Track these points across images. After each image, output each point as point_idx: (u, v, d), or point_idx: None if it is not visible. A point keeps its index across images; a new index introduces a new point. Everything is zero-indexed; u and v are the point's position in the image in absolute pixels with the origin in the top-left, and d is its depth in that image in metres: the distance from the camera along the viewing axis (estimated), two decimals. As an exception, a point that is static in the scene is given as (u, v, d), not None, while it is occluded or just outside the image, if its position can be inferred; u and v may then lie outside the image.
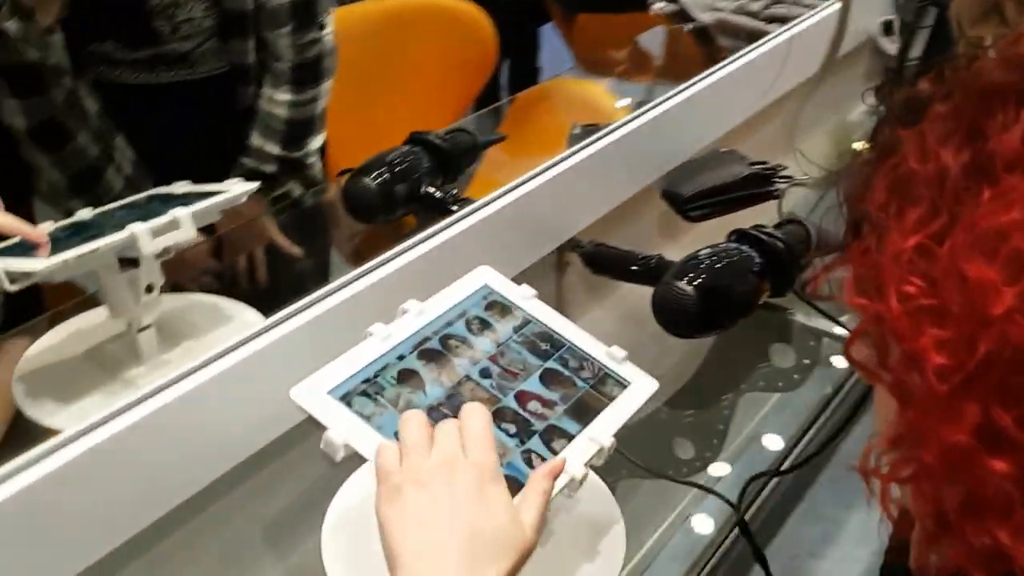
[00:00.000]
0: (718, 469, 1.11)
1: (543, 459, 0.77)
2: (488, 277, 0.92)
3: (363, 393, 0.77)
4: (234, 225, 1.43)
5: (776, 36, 1.63)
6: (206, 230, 1.37)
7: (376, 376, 0.79)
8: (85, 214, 1.06)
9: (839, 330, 1.26)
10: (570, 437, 0.80)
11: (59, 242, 0.95)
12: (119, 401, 0.83)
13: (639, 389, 0.86)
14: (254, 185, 1.06)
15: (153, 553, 0.88)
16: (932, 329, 0.45)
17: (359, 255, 1.40)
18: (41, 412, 0.98)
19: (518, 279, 1.18)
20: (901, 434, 0.48)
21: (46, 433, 0.82)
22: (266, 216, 1.45)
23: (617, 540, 0.87)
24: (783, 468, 1.13)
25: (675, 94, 1.43)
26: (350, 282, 1.01)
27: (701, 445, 1.16)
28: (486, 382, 0.82)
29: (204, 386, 0.87)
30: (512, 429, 0.79)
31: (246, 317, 1.12)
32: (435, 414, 0.78)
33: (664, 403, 1.19)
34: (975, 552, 0.45)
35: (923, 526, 0.50)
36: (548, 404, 0.82)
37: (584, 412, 0.83)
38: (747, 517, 1.01)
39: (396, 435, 0.73)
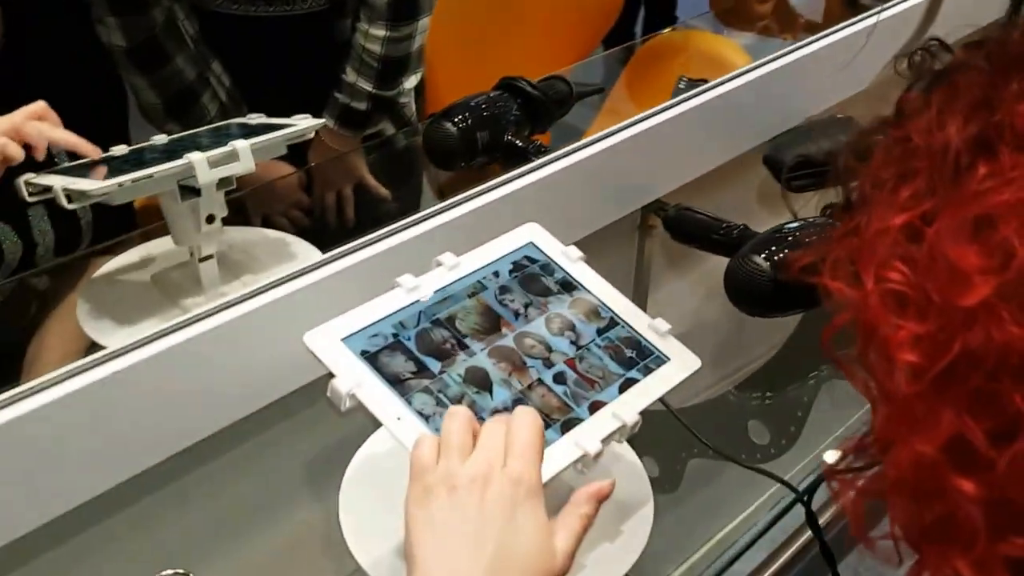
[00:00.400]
0: (793, 457, 1.05)
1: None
2: (534, 235, 0.87)
3: (391, 348, 0.74)
4: (322, 161, 1.42)
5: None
6: (295, 164, 1.38)
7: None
8: (159, 139, 1.06)
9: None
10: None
11: (127, 165, 0.96)
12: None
13: (678, 367, 0.80)
14: (320, 121, 1.03)
15: (177, 485, 0.88)
16: (909, 322, 0.40)
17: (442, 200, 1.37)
18: (99, 332, 1.00)
19: (595, 237, 1.14)
20: (870, 442, 0.43)
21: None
22: (356, 155, 1.43)
23: (644, 520, 0.82)
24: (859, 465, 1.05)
25: (790, 51, 1.33)
26: (411, 225, 0.98)
27: (777, 431, 1.09)
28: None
29: (247, 318, 0.86)
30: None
31: (311, 257, 1.11)
32: (467, 386, 0.74)
33: (742, 384, 1.13)
34: None
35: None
36: (588, 381, 0.77)
37: (614, 383, 0.78)
38: (818, 510, 0.94)
39: (423, 412, 0.71)
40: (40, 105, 0.94)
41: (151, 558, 0.83)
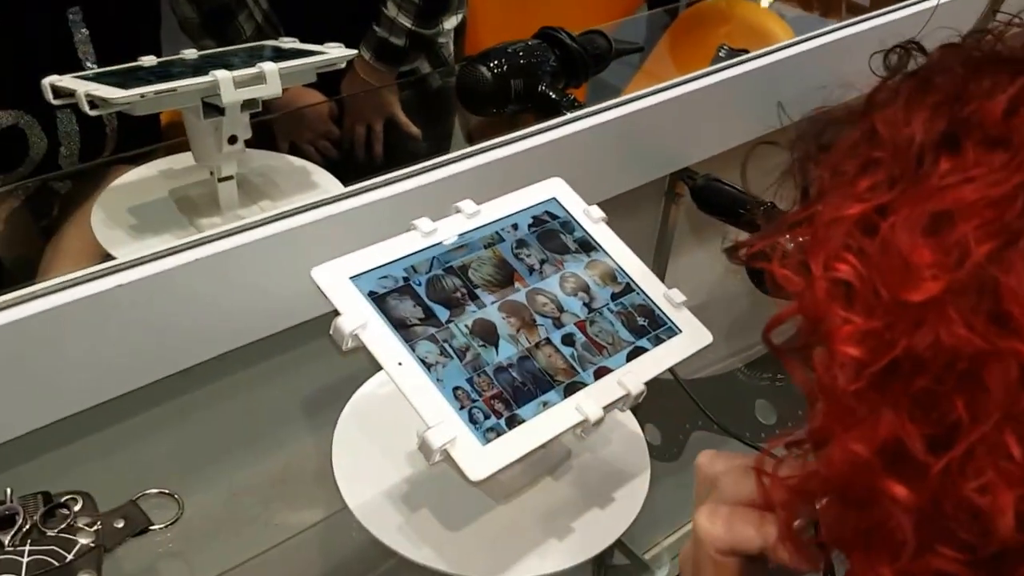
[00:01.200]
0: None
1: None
2: (558, 190, 0.84)
3: (400, 292, 0.72)
4: (355, 93, 1.39)
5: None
6: (326, 94, 1.34)
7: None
8: (190, 54, 1.03)
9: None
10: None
11: (153, 76, 0.93)
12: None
13: (689, 340, 0.77)
14: (351, 52, 1.00)
15: (172, 405, 0.86)
16: (854, 315, 0.37)
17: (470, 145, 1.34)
18: (111, 241, 0.98)
19: (621, 199, 1.11)
20: (803, 436, 0.41)
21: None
22: (389, 90, 1.40)
23: (638, 490, 0.80)
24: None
25: (834, 29, 1.28)
26: (434, 168, 0.94)
27: (784, 414, 1.07)
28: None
29: (259, 244, 0.83)
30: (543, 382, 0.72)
31: (332, 189, 1.08)
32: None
33: (753, 362, 1.11)
34: None
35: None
36: (596, 346, 0.75)
37: (623, 351, 0.75)
38: None
39: (426, 361, 0.68)
40: None
41: (139, 476, 0.81)
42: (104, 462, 0.84)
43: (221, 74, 0.89)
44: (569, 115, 1.05)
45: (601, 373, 0.73)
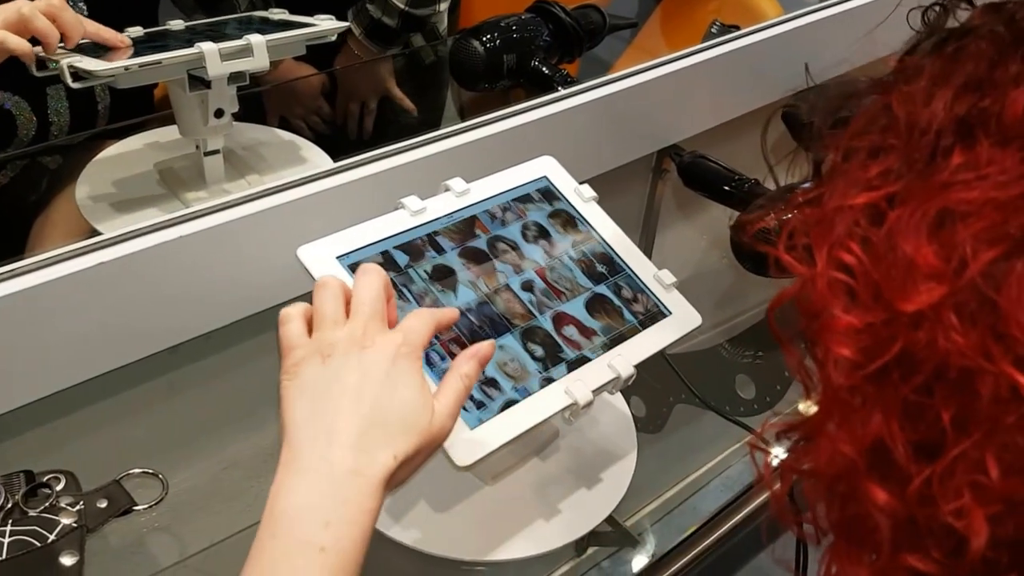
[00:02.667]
0: (774, 414, 1.01)
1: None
2: (549, 169, 0.80)
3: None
4: (348, 67, 1.35)
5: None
6: (319, 67, 1.30)
7: (407, 267, 0.69)
8: (177, 25, 0.99)
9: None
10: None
11: (142, 48, 0.89)
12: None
13: (679, 321, 0.75)
14: (342, 24, 0.96)
15: (156, 383, 0.83)
16: (853, 311, 0.36)
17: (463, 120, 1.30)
18: (96, 215, 0.94)
19: (609, 175, 1.08)
20: (796, 424, 0.39)
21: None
22: (383, 65, 1.35)
23: (625, 471, 0.78)
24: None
25: (825, 7, 1.25)
26: (422, 144, 0.91)
27: (763, 388, 1.06)
28: (526, 295, 0.71)
29: (246, 221, 0.80)
30: (539, 352, 0.69)
31: (322, 163, 1.04)
32: (461, 320, 0.68)
33: (734, 338, 1.09)
34: None
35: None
36: (587, 333, 0.72)
37: (613, 333, 0.72)
38: None
39: None
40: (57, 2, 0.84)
41: (122, 455, 0.78)
42: (88, 441, 0.81)
43: (207, 46, 0.85)
44: (560, 92, 1.02)
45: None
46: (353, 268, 0.66)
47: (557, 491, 0.75)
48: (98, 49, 0.89)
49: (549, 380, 0.67)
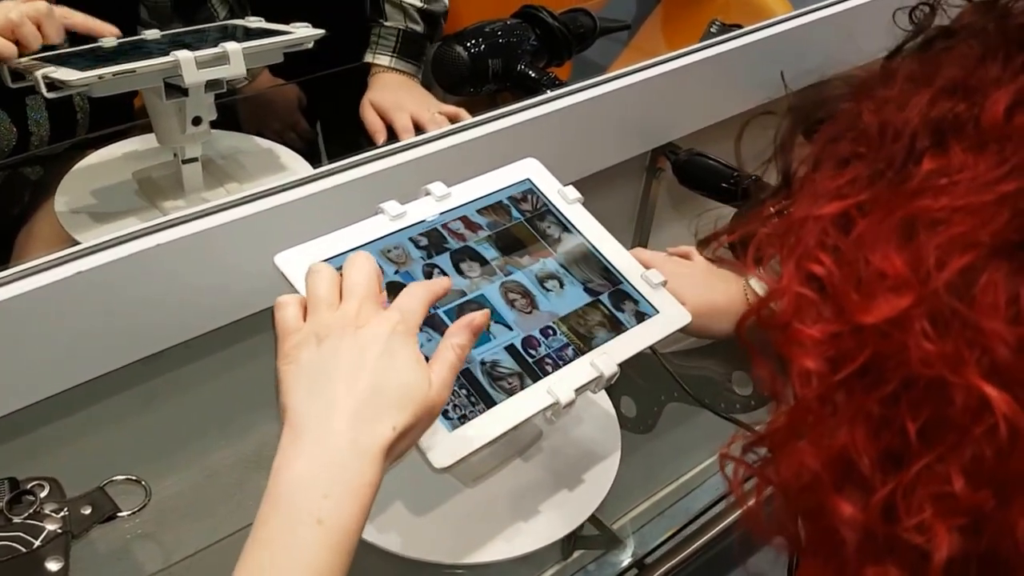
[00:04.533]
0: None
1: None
2: (532, 171, 0.84)
3: None
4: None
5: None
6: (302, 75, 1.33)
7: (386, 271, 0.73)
8: (152, 34, 1.03)
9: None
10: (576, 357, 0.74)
11: (117, 57, 0.93)
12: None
13: (666, 320, 0.79)
14: (319, 32, 1.00)
15: (138, 391, 0.87)
16: (820, 322, 0.37)
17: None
18: (75, 225, 0.98)
19: (603, 175, 1.12)
20: (763, 436, 0.41)
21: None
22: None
23: (607, 471, 0.82)
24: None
25: (825, 5, 1.29)
26: (403, 149, 0.95)
27: (760, 385, 1.08)
28: (508, 297, 0.76)
29: (225, 228, 0.84)
30: (521, 352, 0.73)
31: (301, 171, 1.08)
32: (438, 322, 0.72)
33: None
34: None
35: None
36: (571, 333, 0.76)
37: (598, 333, 0.76)
38: None
39: None
40: (42, 7, 0.89)
41: (105, 462, 0.82)
42: (72, 448, 0.85)
43: (183, 54, 0.89)
44: (548, 94, 1.06)
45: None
46: None
47: (539, 492, 0.79)
48: (74, 57, 0.93)
49: (531, 380, 0.71)
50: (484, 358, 0.71)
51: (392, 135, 1.16)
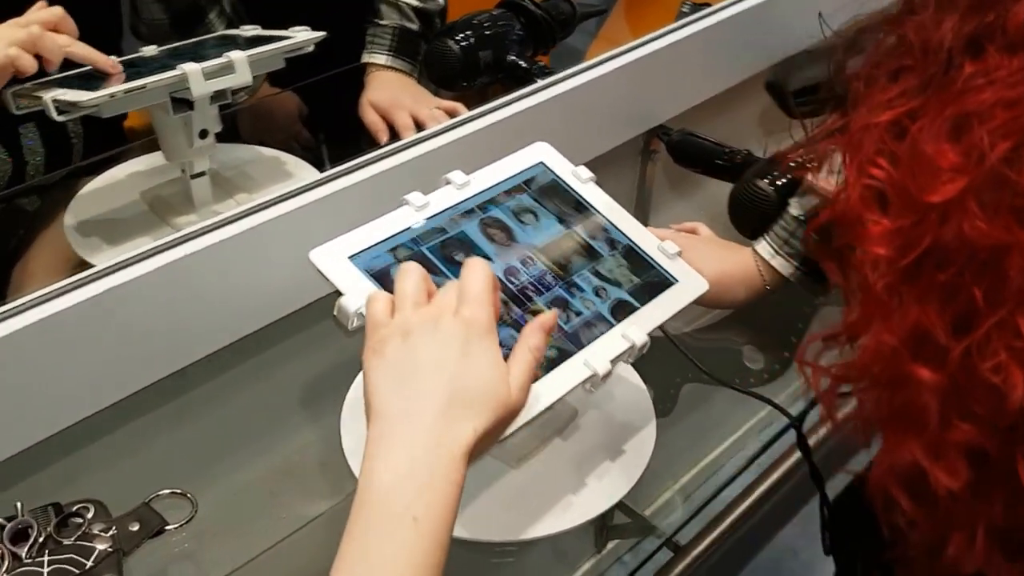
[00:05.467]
0: (784, 382, 1.07)
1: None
2: (545, 154, 0.87)
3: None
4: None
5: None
6: (299, 91, 1.34)
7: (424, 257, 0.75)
8: (150, 51, 1.05)
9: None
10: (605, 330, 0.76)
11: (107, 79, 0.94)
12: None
13: (686, 288, 0.81)
14: (319, 34, 1.02)
15: (174, 405, 0.89)
16: (886, 216, 0.43)
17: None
18: (89, 250, 0.99)
19: (599, 161, 1.14)
20: (839, 330, 0.46)
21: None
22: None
23: (647, 439, 0.84)
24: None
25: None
26: (411, 145, 0.97)
27: (771, 358, 1.11)
28: (536, 274, 0.77)
29: (248, 235, 0.86)
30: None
31: (308, 176, 1.10)
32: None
33: (738, 310, 1.14)
34: (896, 469, 0.43)
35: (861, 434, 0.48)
36: (599, 307, 0.78)
37: (624, 307, 0.79)
38: (808, 433, 0.97)
39: None
40: (57, 12, 0.90)
41: (148, 477, 0.83)
42: (107, 469, 0.86)
43: (189, 67, 0.91)
44: (543, 82, 1.08)
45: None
46: (366, 268, 0.73)
47: (582, 467, 0.81)
48: (75, 80, 0.95)
49: (568, 354, 0.74)
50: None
51: (394, 134, 1.18)
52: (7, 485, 0.80)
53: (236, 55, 0.93)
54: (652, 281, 0.81)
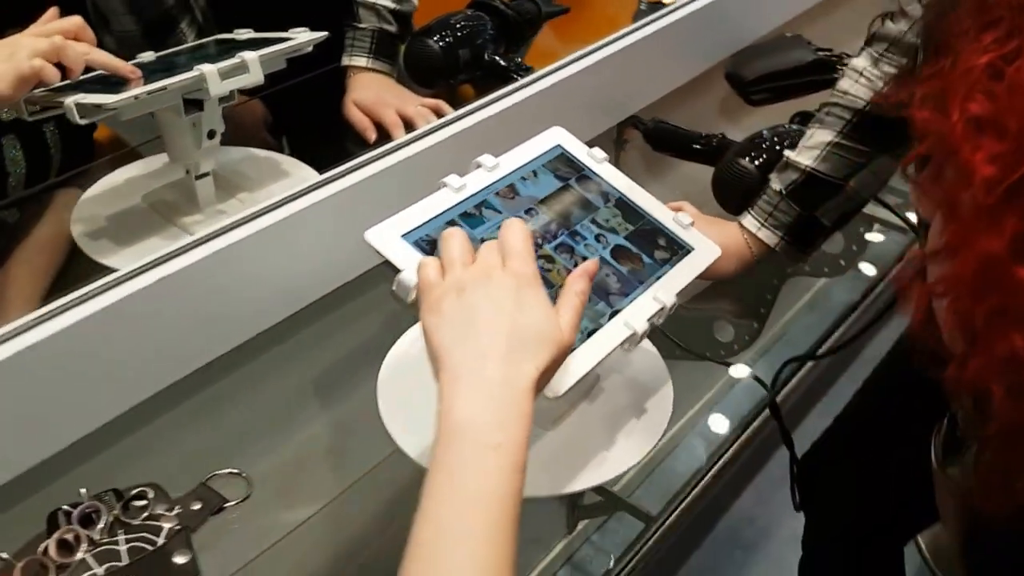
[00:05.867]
0: (754, 352, 1.16)
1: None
2: (561, 138, 0.93)
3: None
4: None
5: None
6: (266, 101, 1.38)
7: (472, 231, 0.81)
8: (147, 57, 1.07)
9: (889, 216, 1.30)
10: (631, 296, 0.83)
11: (120, 84, 0.95)
12: (176, 244, 0.86)
13: (702, 254, 0.89)
14: (320, 34, 1.06)
15: (208, 393, 0.92)
16: (987, 142, 0.49)
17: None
18: (99, 251, 1.01)
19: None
20: (940, 247, 0.52)
21: (103, 272, 0.84)
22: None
23: (665, 397, 0.91)
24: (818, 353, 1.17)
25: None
26: (402, 146, 1.02)
27: (740, 329, 1.19)
28: (574, 245, 0.84)
29: (261, 235, 0.90)
30: (592, 293, 0.80)
31: (302, 174, 1.15)
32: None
33: (699, 295, 1.21)
34: (996, 362, 0.49)
35: (950, 341, 0.54)
36: (629, 274, 0.84)
37: (653, 273, 0.86)
38: (778, 400, 1.06)
39: None
40: (77, 21, 0.92)
41: (201, 457, 0.87)
42: (153, 455, 0.89)
43: (206, 67, 0.94)
44: (521, 80, 1.14)
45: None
46: (417, 244, 0.78)
47: (611, 426, 0.87)
48: (87, 84, 0.97)
49: (607, 317, 0.80)
50: None
51: (382, 132, 1.22)
52: (65, 471, 0.83)
53: (249, 55, 0.97)
54: (673, 249, 0.88)
